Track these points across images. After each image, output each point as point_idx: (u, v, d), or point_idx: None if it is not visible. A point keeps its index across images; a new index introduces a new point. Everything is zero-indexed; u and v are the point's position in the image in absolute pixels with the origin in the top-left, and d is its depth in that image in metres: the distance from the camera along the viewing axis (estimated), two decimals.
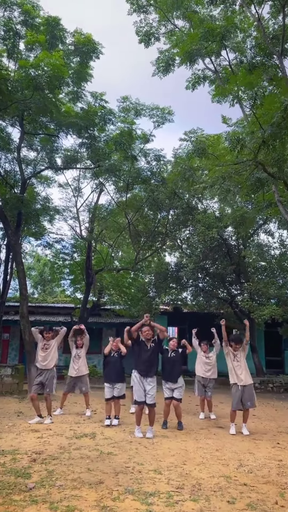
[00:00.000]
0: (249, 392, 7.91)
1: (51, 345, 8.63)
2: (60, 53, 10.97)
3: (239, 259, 16.10)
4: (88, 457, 5.77)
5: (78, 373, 9.53)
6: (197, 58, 10.35)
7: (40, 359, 8.50)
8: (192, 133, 11.44)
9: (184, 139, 11.44)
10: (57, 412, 9.38)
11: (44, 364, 8.45)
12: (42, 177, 18.84)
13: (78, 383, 9.60)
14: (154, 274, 18.05)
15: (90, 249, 17.76)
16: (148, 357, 7.37)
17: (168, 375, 8.20)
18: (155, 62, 12.30)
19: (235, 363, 8.00)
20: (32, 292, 32.42)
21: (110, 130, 14.26)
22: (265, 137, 7.64)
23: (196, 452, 6.26)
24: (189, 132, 11.46)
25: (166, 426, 8.07)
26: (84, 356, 9.69)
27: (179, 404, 8.17)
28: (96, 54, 12.92)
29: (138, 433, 7.18)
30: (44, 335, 8.64)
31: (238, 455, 6.17)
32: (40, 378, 8.41)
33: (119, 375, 8.37)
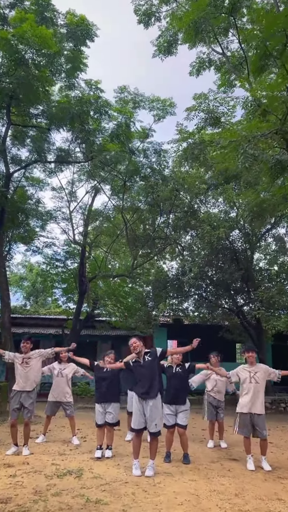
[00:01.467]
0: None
1: (33, 359, 7.15)
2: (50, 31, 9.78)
3: (247, 265, 14.74)
4: (70, 508, 4.36)
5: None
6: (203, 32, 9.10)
7: (19, 378, 6.96)
8: (202, 97, 9.99)
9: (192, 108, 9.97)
10: (40, 439, 7.93)
11: (24, 384, 6.95)
12: (34, 179, 17.67)
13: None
14: (153, 282, 16.64)
15: (84, 255, 16.42)
16: (144, 373, 5.91)
17: (172, 396, 6.69)
18: (155, 41, 11.13)
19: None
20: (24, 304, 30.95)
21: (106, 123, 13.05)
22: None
23: (210, 499, 4.83)
24: (198, 97, 9.99)
25: (169, 459, 6.58)
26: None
27: (185, 432, 6.70)
28: (90, 37, 11.78)
29: (135, 470, 5.71)
30: (21, 345, 7.14)
31: (265, 503, 4.75)
32: (18, 399, 6.92)
33: (113, 394, 6.85)
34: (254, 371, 6.62)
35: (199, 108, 9.95)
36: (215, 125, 9.92)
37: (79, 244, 16.50)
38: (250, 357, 6.74)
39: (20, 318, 20.29)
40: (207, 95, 10.12)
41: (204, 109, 9.82)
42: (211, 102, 10.07)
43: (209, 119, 9.71)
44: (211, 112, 9.71)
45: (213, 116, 9.65)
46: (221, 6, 8.39)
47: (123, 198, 15.23)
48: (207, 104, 9.96)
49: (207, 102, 10.01)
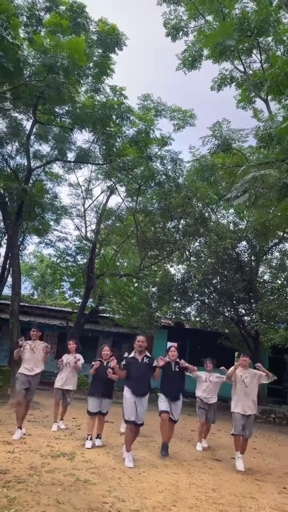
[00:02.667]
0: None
1: (39, 349, 7.60)
2: (82, 39, 10.28)
3: (251, 276, 15.12)
4: (61, 484, 4.83)
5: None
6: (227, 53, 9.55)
7: (27, 363, 7.37)
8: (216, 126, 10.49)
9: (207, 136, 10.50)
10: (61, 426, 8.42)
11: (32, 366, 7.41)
12: (53, 175, 18.25)
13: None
14: (158, 284, 17.10)
15: (94, 252, 16.93)
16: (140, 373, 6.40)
17: (170, 391, 7.18)
18: (181, 55, 11.58)
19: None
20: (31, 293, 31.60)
21: (126, 128, 13.52)
22: None
23: (189, 490, 5.28)
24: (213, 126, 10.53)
25: (166, 452, 6.98)
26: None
27: (173, 425, 7.20)
28: (119, 46, 12.27)
29: (128, 462, 6.10)
30: (31, 333, 7.62)
31: (239, 499, 5.18)
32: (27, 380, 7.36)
33: (108, 389, 7.29)
34: (245, 375, 7.05)
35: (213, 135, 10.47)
36: (227, 151, 10.40)
37: (90, 241, 17.00)
38: (243, 361, 7.18)
39: (27, 307, 20.87)
40: (221, 124, 10.64)
41: (218, 137, 10.32)
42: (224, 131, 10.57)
43: (221, 145, 10.20)
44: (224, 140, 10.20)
45: (225, 143, 10.13)
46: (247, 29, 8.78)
47: (136, 201, 15.70)
48: (220, 132, 10.45)
49: (220, 130, 10.51)
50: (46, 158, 16.12)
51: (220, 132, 10.38)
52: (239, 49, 9.89)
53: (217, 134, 10.31)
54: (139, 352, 6.50)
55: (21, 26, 12.59)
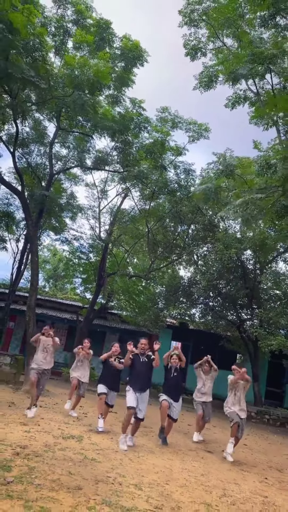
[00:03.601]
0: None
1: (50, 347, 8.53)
2: (107, 55, 11.07)
3: (254, 284, 15.86)
4: (71, 460, 5.68)
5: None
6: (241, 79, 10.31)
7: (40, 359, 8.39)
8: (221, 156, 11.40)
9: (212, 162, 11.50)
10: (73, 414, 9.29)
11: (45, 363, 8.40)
12: (71, 175, 19.07)
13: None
14: (166, 286, 17.92)
15: (106, 251, 17.78)
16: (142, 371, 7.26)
17: (171, 391, 8.00)
18: (198, 76, 12.31)
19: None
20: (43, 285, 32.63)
21: (143, 138, 14.31)
22: None
23: (181, 473, 6.10)
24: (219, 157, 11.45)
25: (165, 440, 7.87)
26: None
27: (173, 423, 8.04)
28: (141, 62, 13.04)
29: (122, 444, 6.95)
30: (45, 331, 8.56)
31: (223, 484, 5.99)
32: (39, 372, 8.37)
33: (115, 383, 8.20)
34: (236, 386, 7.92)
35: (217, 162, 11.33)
36: (230, 177, 11.20)
37: (103, 241, 17.84)
38: (236, 371, 8.07)
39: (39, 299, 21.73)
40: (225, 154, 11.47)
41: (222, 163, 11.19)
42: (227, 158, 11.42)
43: (224, 171, 11.03)
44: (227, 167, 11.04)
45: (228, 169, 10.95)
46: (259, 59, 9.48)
47: (149, 205, 16.50)
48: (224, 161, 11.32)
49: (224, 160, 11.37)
50: (65, 159, 16.96)
51: (224, 161, 11.24)
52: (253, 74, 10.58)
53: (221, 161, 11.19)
54: (141, 353, 7.36)
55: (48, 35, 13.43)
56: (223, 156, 11.32)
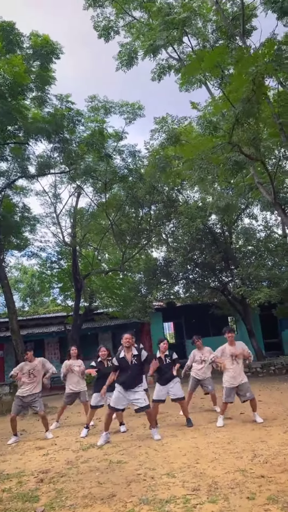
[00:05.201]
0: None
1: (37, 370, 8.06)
2: (19, 57, 10.62)
3: (226, 245, 15.98)
4: (98, 469, 5.54)
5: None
6: (160, 49, 10.09)
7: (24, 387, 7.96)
8: (163, 121, 11.06)
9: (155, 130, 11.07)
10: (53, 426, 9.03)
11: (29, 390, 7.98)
12: (17, 188, 18.48)
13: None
14: (143, 271, 17.82)
15: (75, 255, 17.45)
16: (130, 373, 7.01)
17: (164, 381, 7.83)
18: (117, 56, 12.02)
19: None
20: (22, 306, 31.92)
21: (80, 131, 13.94)
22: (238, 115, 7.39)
23: (208, 448, 6.07)
24: (159, 121, 11.09)
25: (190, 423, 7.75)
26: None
27: (183, 401, 7.95)
28: (56, 55, 12.59)
29: (101, 440, 6.93)
30: (25, 357, 8.19)
31: (251, 445, 6.00)
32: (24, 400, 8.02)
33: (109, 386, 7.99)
34: (235, 353, 7.69)
35: (161, 130, 11.02)
36: (176, 143, 10.99)
37: (69, 245, 17.48)
38: (230, 337, 7.86)
39: (22, 320, 21.25)
40: (166, 118, 11.17)
41: (166, 131, 10.91)
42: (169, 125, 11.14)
43: (170, 138, 10.80)
44: (171, 133, 10.79)
45: (173, 136, 10.73)
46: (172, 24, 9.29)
47: (105, 197, 16.22)
48: (167, 127, 11.03)
49: (167, 125, 11.08)
50: (7, 174, 16.38)
51: (167, 127, 10.95)
52: (170, 39, 10.39)
53: (165, 129, 10.89)
54: (127, 348, 7.08)
55: None
56: (164, 121, 11.08)
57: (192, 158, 8.25)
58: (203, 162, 8.07)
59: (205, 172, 8.25)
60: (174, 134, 10.63)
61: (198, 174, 8.25)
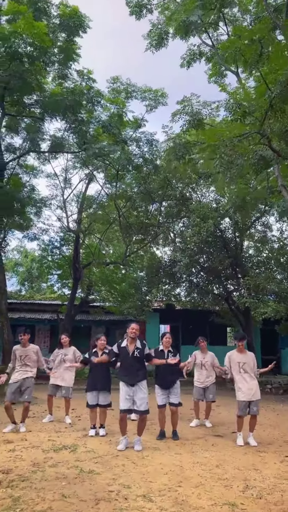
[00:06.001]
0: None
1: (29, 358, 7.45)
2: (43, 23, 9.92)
3: (236, 252, 15.19)
4: (65, 478, 4.82)
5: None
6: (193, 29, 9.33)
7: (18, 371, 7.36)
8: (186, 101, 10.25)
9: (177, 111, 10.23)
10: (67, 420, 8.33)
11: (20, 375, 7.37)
12: (28, 167, 17.89)
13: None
14: (146, 268, 17.07)
15: (78, 242, 16.76)
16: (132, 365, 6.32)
17: (165, 381, 7.12)
18: (146, 35, 11.28)
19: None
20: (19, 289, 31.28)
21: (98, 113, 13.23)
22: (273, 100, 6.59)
23: (193, 469, 5.33)
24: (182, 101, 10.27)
25: (163, 437, 6.99)
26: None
27: (177, 410, 7.21)
28: (83, 29, 11.90)
29: (120, 444, 6.16)
30: (19, 339, 7.51)
31: (243, 473, 5.25)
32: (17, 385, 7.35)
33: (104, 382, 7.24)
34: (243, 361, 6.99)
35: (183, 111, 10.18)
36: (199, 127, 10.16)
37: (73, 231, 16.80)
38: (241, 346, 7.12)
39: (16, 303, 20.65)
40: (190, 98, 10.36)
41: (188, 112, 10.06)
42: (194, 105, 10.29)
43: (192, 121, 9.95)
44: (195, 115, 9.97)
45: (196, 118, 9.91)
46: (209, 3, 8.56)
47: (116, 187, 15.51)
48: (190, 108, 10.18)
49: (191, 106, 10.24)
50: (20, 151, 15.75)
51: (190, 107, 10.11)
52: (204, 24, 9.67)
53: (187, 110, 10.04)
54: (132, 339, 6.42)
55: None
56: (188, 101, 10.24)
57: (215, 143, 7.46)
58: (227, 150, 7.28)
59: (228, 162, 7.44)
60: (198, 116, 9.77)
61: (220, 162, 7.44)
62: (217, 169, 7.68)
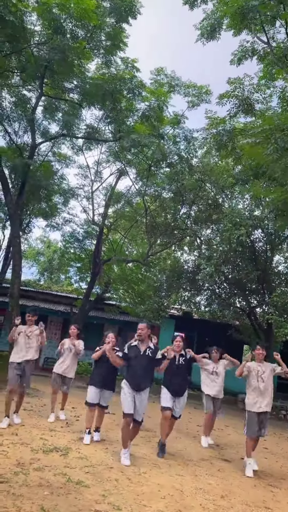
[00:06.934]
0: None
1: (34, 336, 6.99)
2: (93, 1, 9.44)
3: (266, 266, 14.32)
4: (49, 486, 4.25)
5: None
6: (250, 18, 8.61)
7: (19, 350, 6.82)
8: (237, 81, 9.44)
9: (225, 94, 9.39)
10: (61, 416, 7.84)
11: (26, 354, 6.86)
12: (61, 155, 17.64)
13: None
14: (168, 272, 16.40)
15: (101, 236, 16.30)
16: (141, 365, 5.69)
17: (174, 388, 6.46)
18: (198, 25, 10.68)
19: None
20: (38, 279, 31.18)
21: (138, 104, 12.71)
22: None
23: (195, 497, 4.66)
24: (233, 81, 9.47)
25: (163, 453, 6.22)
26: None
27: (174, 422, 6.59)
28: (133, 14, 11.40)
29: (125, 459, 5.49)
30: (26, 318, 7.03)
31: (252, 510, 4.56)
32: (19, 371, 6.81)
33: (110, 380, 6.63)
34: (262, 369, 6.36)
35: (232, 93, 9.43)
36: (248, 113, 9.43)
37: (97, 224, 16.36)
38: (260, 355, 6.47)
39: (32, 291, 20.42)
40: (242, 80, 9.59)
41: (238, 95, 9.31)
42: (246, 87, 9.52)
43: (242, 105, 9.21)
44: (245, 99, 9.21)
45: (247, 103, 9.17)
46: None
47: (146, 183, 14.95)
48: (241, 90, 9.44)
49: (242, 88, 9.48)
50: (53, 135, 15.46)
51: (241, 90, 9.33)
52: (261, 17, 9.00)
53: (238, 93, 9.24)
54: (141, 341, 5.82)
55: None
56: (239, 82, 9.43)
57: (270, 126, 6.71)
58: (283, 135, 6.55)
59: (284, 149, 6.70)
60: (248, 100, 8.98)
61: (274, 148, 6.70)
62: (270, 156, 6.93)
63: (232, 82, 9.60)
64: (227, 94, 9.55)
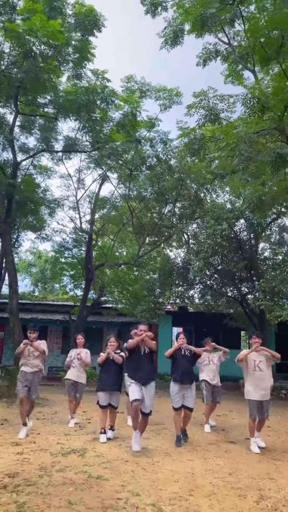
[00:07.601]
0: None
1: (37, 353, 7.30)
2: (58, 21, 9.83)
3: (251, 254, 14.87)
4: (72, 483, 4.66)
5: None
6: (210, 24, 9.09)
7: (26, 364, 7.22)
8: (203, 94, 10.00)
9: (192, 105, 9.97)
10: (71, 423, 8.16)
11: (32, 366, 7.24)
12: (42, 167, 17.90)
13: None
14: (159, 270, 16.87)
15: (91, 243, 16.67)
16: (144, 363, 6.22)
17: (182, 376, 6.84)
18: (161, 33, 11.12)
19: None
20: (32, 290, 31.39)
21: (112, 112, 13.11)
22: None
23: (205, 477, 5.11)
24: (199, 94, 10.03)
25: (180, 443, 6.70)
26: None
27: (191, 414, 7.00)
28: (98, 28, 11.79)
29: (135, 444, 5.99)
30: (28, 335, 7.38)
31: (257, 482, 5.02)
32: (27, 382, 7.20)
33: (116, 382, 7.07)
34: (259, 359, 6.78)
35: (199, 105, 9.95)
36: (215, 122, 9.94)
37: (85, 232, 16.72)
38: (256, 343, 6.88)
39: (28, 304, 20.70)
40: (207, 92, 10.11)
41: (204, 106, 9.83)
42: (211, 99, 10.05)
43: (208, 115, 9.74)
44: (211, 109, 9.74)
45: (213, 113, 9.69)
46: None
47: (129, 187, 15.37)
48: (207, 102, 9.96)
49: (207, 100, 10.00)
50: (34, 151, 15.77)
51: (206, 101, 9.86)
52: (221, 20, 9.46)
53: (204, 104, 9.78)
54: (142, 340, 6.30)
55: None
56: (204, 94, 9.97)
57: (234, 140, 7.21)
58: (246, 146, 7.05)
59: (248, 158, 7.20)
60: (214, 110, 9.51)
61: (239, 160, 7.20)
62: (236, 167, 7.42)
63: (197, 95, 10.12)
64: (193, 105, 10.04)
